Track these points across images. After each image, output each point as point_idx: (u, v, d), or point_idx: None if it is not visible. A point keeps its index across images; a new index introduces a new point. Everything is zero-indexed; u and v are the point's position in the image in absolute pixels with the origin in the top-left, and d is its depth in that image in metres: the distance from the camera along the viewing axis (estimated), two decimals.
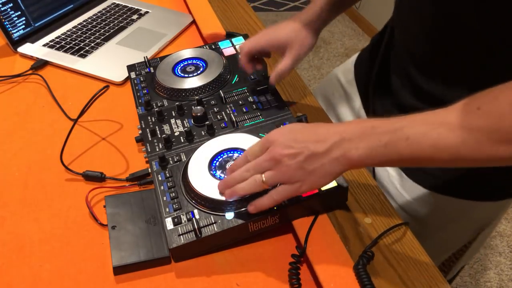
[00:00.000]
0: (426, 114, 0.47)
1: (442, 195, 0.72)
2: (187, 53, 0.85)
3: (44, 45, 0.96)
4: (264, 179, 0.53)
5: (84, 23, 1.03)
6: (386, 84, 0.78)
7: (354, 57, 0.94)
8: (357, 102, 0.89)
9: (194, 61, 0.83)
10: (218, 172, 0.61)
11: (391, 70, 0.77)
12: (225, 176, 0.60)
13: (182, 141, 0.68)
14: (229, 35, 0.94)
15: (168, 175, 0.63)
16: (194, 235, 0.56)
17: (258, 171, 0.54)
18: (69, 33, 1.00)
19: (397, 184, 0.76)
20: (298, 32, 0.72)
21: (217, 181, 0.60)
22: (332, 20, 0.77)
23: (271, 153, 0.53)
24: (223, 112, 0.73)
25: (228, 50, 0.86)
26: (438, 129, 0.45)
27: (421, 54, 0.69)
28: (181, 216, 0.58)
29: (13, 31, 0.94)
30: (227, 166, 0.62)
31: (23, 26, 0.96)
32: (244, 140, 0.65)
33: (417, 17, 0.67)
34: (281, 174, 0.53)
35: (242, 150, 0.64)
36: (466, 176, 0.70)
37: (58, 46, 0.95)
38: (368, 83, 0.83)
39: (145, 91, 0.79)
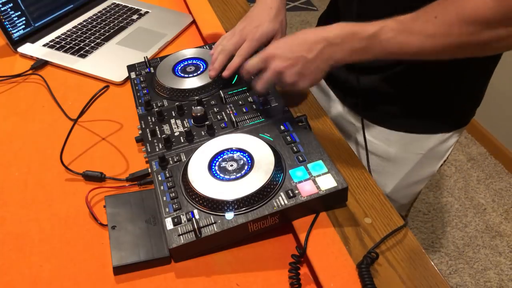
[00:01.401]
0: (395, 20, 0.58)
1: (403, 132, 0.85)
2: (187, 53, 0.85)
3: (44, 45, 0.96)
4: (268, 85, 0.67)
5: (84, 23, 1.03)
6: None
7: None
8: None
9: (194, 61, 0.83)
10: (218, 172, 0.61)
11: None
12: (224, 177, 0.60)
13: (182, 141, 0.68)
14: None
15: (168, 175, 0.63)
16: (194, 235, 0.56)
17: (265, 84, 0.67)
18: (69, 33, 1.00)
19: (365, 133, 0.85)
20: (276, 18, 0.80)
21: (218, 181, 0.60)
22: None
23: (274, 67, 0.65)
24: (223, 112, 0.73)
25: None
26: (404, 34, 0.58)
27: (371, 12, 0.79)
28: (181, 216, 0.58)
29: (13, 31, 0.94)
30: (227, 166, 0.62)
31: (23, 26, 0.96)
32: (244, 140, 0.65)
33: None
34: (286, 81, 0.65)
35: (242, 150, 0.64)
36: (423, 114, 0.84)
37: (58, 46, 0.95)
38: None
39: (145, 91, 0.79)
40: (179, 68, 0.82)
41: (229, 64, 0.76)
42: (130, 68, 0.86)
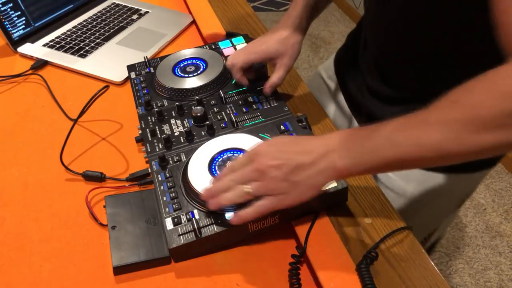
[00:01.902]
0: (406, 116, 0.48)
1: (425, 171, 0.77)
2: (187, 53, 0.85)
3: (44, 45, 0.96)
4: (249, 189, 0.53)
5: (84, 23, 1.03)
6: (361, 76, 0.84)
7: (333, 56, 1.01)
8: (339, 94, 0.94)
9: (194, 61, 0.83)
10: (218, 172, 0.61)
11: (362, 62, 0.84)
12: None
13: (182, 141, 0.68)
14: (229, 35, 0.94)
15: (168, 175, 0.63)
16: (194, 235, 0.56)
17: (243, 181, 0.53)
18: (69, 33, 1.00)
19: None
20: (286, 41, 0.74)
21: None
22: (310, 24, 0.81)
23: (256, 164, 0.53)
24: (223, 112, 0.73)
25: (228, 50, 0.86)
26: (419, 128, 0.46)
27: (385, 46, 0.76)
28: (181, 216, 0.58)
29: (13, 31, 0.94)
30: (227, 166, 0.62)
31: (23, 26, 0.96)
32: (244, 140, 0.65)
33: (381, 16, 0.73)
34: (266, 185, 0.52)
35: (242, 150, 0.64)
36: None
37: (58, 46, 0.95)
38: (345, 75, 0.90)
39: (145, 91, 0.79)
40: (179, 68, 0.82)
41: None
42: (130, 68, 0.86)
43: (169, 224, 0.57)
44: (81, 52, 0.94)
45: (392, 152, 0.47)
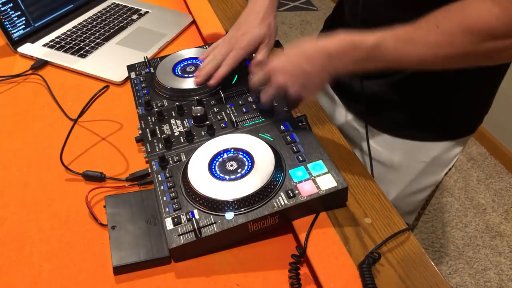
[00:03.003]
0: (396, 30, 0.57)
1: (407, 140, 0.84)
2: (187, 53, 0.85)
3: (44, 45, 0.96)
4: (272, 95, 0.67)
5: (84, 23, 1.03)
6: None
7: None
8: None
9: (194, 61, 0.83)
10: (218, 172, 0.61)
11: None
12: (224, 177, 0.60)
13: (182, 141, 0.68)
14: None
15: (168, 175, 0.63)
16: (194, 235, 0.56)
17: (270, 96, 0.68)
18: (69, 33, 1.00)
19: (370, 140, 0.83)
20: (264, 23, 0.79)
21: (218, 181, 0.60)
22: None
23: (275, 82, 0.65)
24: (223, 112, 0.73)
25: None
26: (405, 44, 0.57)
27: (384, 22, 0.78)
28: (181, 216, 0.58)
29: (13, 31, 0.94)
30: (227, 166, 0.62)
31: (23, 26, 0.96)
32: (244, 140, 0.65)
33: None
34: (290, 95, 0.65)
35: (242, 150, 0.64)
36: (427, 121, 0.82)
37: (58, 46, 0.95)
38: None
39: (145, 91, 0.79)
40: (179, 68, 0.82)
41: (215, 73, 0.76)
42: (130, 68, 0.86)
43: (169, 224, 0.57)
44: (81, 52, 0.94)
45: (383, 61, 0.59)
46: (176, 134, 0.70)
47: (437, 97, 0.79)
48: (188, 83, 0.77)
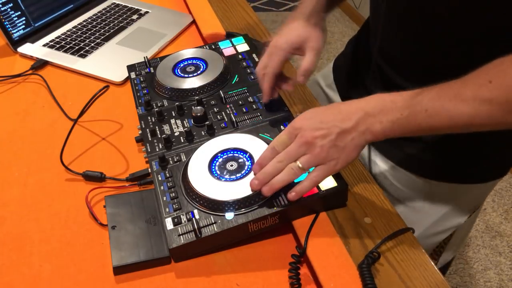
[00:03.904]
0: (442, 87, 0.51)
1: (434, 181, 0.75)
2: (187, 53, 0.85)
3: (44, 45, 0.96)
4: (300, 165, 0.55)
5: (84, 23, 1.03)
6: (362, 85, 0.82)
7: (331, 63, 0.97)
8: (338, 100, 0.92)
9: (194, 61, 0.83)
10: (218, 172, 0.61)
11: (364, 70, 0.81)
12: (224, 177, 0.60)
13: (182, 141, 0.68)
14: (229, 35, 0.94)
15: (168, 175, 0.63)
16: (194, 235, 0.56)
17: (292, 159, 0.56)
18: (69, 33, 1.00)
19: (389, 176, 0.78)
20: (306, 26, 0.71)
21: (218, 181, 0.60)
22: (328, 13, 0.77)
23: (302, 138, 0.55)
24: (223, 112, 0.73)
25: (228, 50, 0.86)
26: (454, 101, 0.49)
27: (395, 53, 0.73)
28: (181, 216, 0.58)
29: (13, 31, 0.94)
30: (227, 166, 0.62)
31: (23, 26, 0.96)
32: (244, 140, 0.65)
33: (393, 19, 0.70)
34: (317, 156, 0.55)
35: (242, 150, 0.64)
36: (455, 161, 0.74)
37: (58, 46, 0.95)
38: (346, 83, 0.88)
39: (145, 91, 0.79)
40: (179, 68, 0.82)
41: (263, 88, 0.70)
42: (130, 68, 0.86)
43: (169, 224, 0.57)
44: (81, 52, 0.94)
45: (426, 121, 0.51)
46: (176, 134, 0.70)
47: (468, 136, 0.67)
48: (188, 83, 0.77)
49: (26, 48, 0.95)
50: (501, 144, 0.73)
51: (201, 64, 0.82)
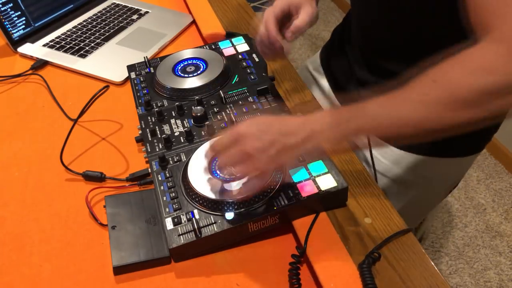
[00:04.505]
0: (388, 95, 0.50)
1: (414, 154, 0.79)
2: (187, 53, 0.85)
3: (44, 45, 0.96)
4: (236, 172, 0.54)
5: (84, 23, 1.03)
6: (348, 67, 0.86)
7: (319, 51, 1.04)
8: (325, 83, 0.97)
9: (194, 61, 0.83)
10: (218, 172, 0.61)
11: (349, 54, 0.86)
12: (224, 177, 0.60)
13: (182, 141, 0.68)
14: (229, 35, 0.94)
15: (168, 175, 0.63)
16: (194, 235, 0.56)
17: (228, 164, 0.54)
18: (69, 33, 1.00)
19: (374, 151, 0.80)
20: None
21: (217, 181, 0.60)
22: None
23: (241, 146, 0.52)
24: (223, 112, 0.73)
25: (228, 50, 0.86)
26: (401, 107, 0.49)
27: (375, 34, 0.76)
28: (181, 216, 0.58)
29: (13, 31, 0.94)
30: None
31: (23, 26, 0.96)
32: None
33: (371, 5, 0.74)
34: (253, 168, 0.53)
35: None
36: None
37: (58, 46, 0.95)
38: (333, 67, 0.93)
39: (145, 91, 0.79)
40: (179, 68, 0.82)
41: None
42: (130, 68, 0.86)
43: (169, 224, 0.57)
44: (81, 52, 0.94)
45: (376, 130, 0.51)
46: (176, 134, 0.70)
47: None
48: (188, 83, 0.77)
49: (26, 48, 0.95)
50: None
51: (201, 64, 0.82)
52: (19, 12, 0.94)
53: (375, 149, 0.81)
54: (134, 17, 1.07)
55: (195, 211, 0.58)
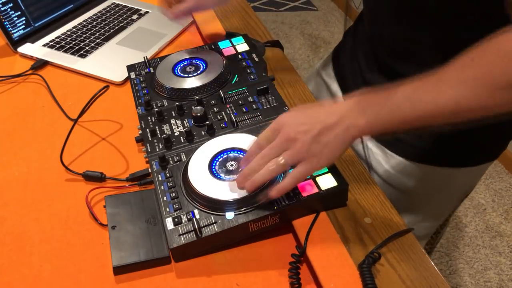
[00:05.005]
0: (424, 75, 0.50)
1: (425, 165, 0.76)
2: (187, 53, 0.85)
3: (44, 45, 0.96)
4: (282, 160, 0.54)
5: (84, 23, 1.03)
6: (359, 70, 0.84)
7: (331, 54, 1.02)
8: (336, 88, 0.94)
9: (194, 61, 0.83)
10: (218, 172, 0.61)
11: (360, 56, 0.84)
12: (224, 177, 0.60)
13: (182, 141, 0.68)
14: (229, 35, 0.94)
15: (168, 175, 0.63)
16: (194, 235, 0.56)
17: (274, 155, 0.55)
18: (69, 33, 1.00)
19: (382, 161, 0.79)
20: None
21: (218, 181, 0.60)
22: None
23: (285, 134, 0.54)
24: (223, 112, 0.73)
25: (228, 50, 0.86)
26: (437, 86, 0.48)
27: (388, 36, 0.75)
28: (182, 216, 0.58)
29: (13, 31, 0.94)
30: (228, 166, 0.62)
31: (23, 26, 0.96)
32: (244, 140, 0.65)
33: (383, 5, 0.73)
34: (299, 151, 0.53)
35: (242, 150, 0.64)
36: (446, 144, 0.75)
37: (58, 46, 0.95)
38: (343, 70, 0.91)
39: (145, 91, 0.79)
40: (179, 68, 0.82)
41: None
42: (130, 68, 0.86)
43: (169, 224, 0.57)
44: (81, 52, 0.94)
45: (411, 110, 0.50)
46: (176, 134, 0.70)
47: None
48: (188, 83, 0.77)
49: (26, 48, 0.95)
50: (490, 128, 0.73)
51: (201, 64, 0.82)
52: (19, 12, 0.94)
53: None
54: (134, 17, 1.07)
55: (196, 211, 0.58)
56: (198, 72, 0.80)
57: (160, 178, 0.63)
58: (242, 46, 0.87)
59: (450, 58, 0.49)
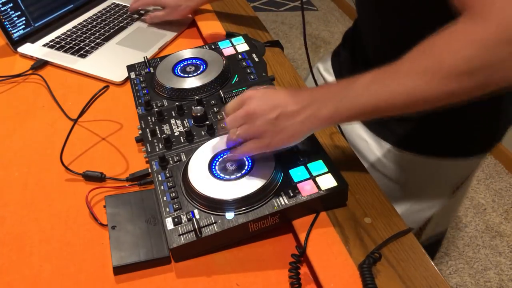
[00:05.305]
0: (382, 67, 0.52)
1: (418, 155, 0.79)
2: (187, 53, 0.85)
3: (44, 45, 0.96)
4: (237, 132, 0.58)
5: (84, 23, 1.03)
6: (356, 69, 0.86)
7: (331, 52, 1.04)
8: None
9: (194, 61, 0.83)
10: (218, 172, 0.61)
11: (357, 56, 0.88)
12: (224, 177, 0.60)
13: (182, 141, 0.68)
14: (229, 35, 0.94)
15: (168, 175, 0.63)
16: (194, 235, 0.56)
17: (234, 125, 0.59)
18: (69, 33, 1.00)
19: (376, 151, 0.80)
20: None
21: (218, 181, 0.60)
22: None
23: (246, 108, 0.57)
24: (223, 112, 0.73)
25: (228, 50, 0.86)
26: (393, 77, 0.51)
27: (375, 44, 0.79)
28: (181, 216, 0.58)
29: (13, 31, 0.94)
30: (227, 166, 0.62)
31: (23, 26, 0.96)
32: None
33: (368, 17, 0.78)
34: (253, 128, 0.57)
35: None
36: (440, 134, 0.77)
37: (58, 46, 0.95)
38: (341, 68, 0.94)
39: (145, 91, 0.79)
40: (179, 68, 0.82)
41: None
42: (130, 68, 0.86)
43: (169, 224, 0.57)
44: (81, 52, 0.94)
45: (369, 99, 0.52)
46: (176, 134, 0.70)
47: (449, 111, 0.71)
48: (188, 83, 0.77)
49: (26, 48, 0.95)
50: (482, 119, 0.76)
51: (201, 64, 0.82)
52: (19, 12, 0.94)
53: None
54: (134, 17, 1.07)
55: (196, 211, 0.58)
56: (198, 72, 0.80)
57: (160, 178, 0.63)
58: (242, 46, 0.87)
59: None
